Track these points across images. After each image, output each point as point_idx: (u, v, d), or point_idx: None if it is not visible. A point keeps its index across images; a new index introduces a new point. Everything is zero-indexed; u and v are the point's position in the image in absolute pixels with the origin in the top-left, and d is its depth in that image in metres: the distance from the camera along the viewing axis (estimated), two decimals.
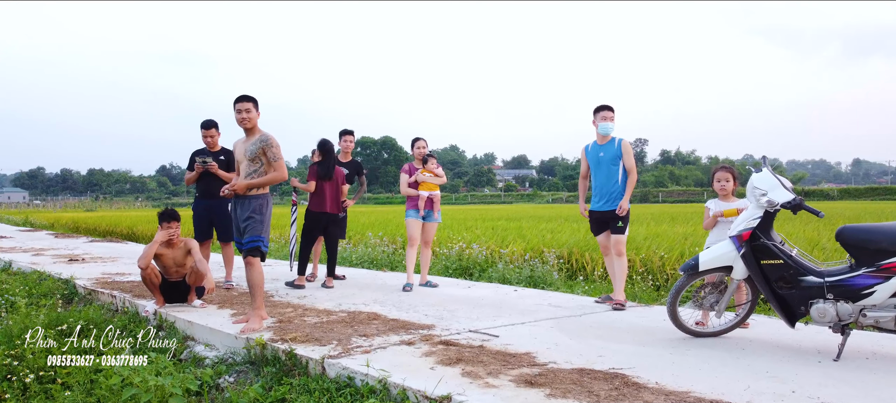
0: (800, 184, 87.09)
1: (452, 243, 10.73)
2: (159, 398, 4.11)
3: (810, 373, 3.86)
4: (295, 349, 4.47)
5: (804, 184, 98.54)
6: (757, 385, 3.60)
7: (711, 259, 4.67)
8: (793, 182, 59.88)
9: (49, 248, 14.50)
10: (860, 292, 4.14)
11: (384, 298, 6.73)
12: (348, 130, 8.38)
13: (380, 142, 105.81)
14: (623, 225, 6.24)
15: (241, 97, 5.52)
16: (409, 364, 4.08)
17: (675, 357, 4.25)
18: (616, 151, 6.32)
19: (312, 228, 7.58)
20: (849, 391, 3.52)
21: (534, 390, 3.53)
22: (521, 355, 4.30)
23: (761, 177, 4.50)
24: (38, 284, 8.78)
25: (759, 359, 4.20)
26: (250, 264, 5.44)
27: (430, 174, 7.60)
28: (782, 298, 4.43)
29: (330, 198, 7.50)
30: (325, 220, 7.54)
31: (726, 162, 74.31)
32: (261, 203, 5.49)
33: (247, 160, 5.49)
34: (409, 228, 7.57)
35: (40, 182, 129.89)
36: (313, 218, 7.54)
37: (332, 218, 7.57)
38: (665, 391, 3.50)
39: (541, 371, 3.88)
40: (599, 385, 3.59)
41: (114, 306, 7.16)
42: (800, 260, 4.40)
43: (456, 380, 3.70)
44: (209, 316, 5.88)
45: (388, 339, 4.77)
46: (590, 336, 4.93)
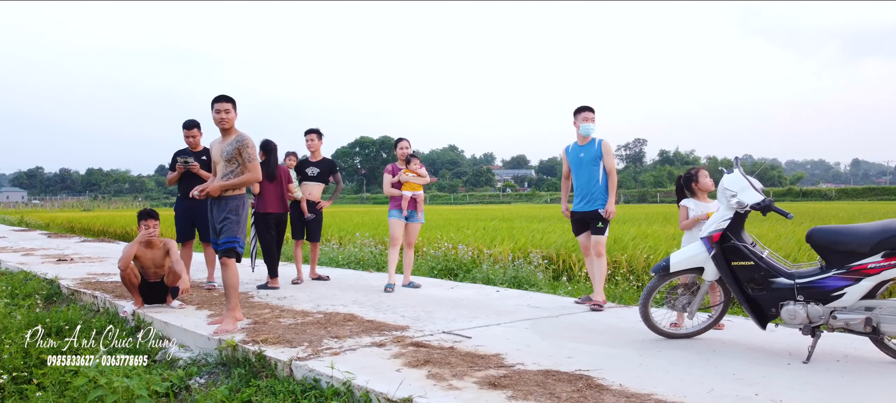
0: (798, 185, 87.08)
1: (439, 244, 10.69)
2: (126, 399, 4.10)
3: (778, 376, 3.84)
4: (264, 351, 4.45)
5: (803, 184, 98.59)
6: (721, 388, 3.58)
7: (682, 260, 4.65)
8: (791, 182, 59.60)
9: (40, 248, 14.49)
10: (830, 294, 4.12)
11: (364, 299, 6.71)
12: (312, 129, 8.14)
13: (379, 142, 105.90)
14: (603, 225, 6.23)
15: (220, 97, 5.50)
16: (377, 365, 4.06)
17: (645, 359, 4.23)
18: (596, 152, 6.31)
19: (263, 230, 7.67)
20: (815, 393, 3.50)
21: (496, 392, 3.51)
22: (490, 356, 4.28)
23: (732, 178, 4.48)
24: (24, 284, 8.75)
25: (729, 361, 4.18)
26: (226, 265, 5.42)
27: (413, 174, 7.59)
28: (753, 300, 4.41)
29: (274, 198, 7.60)
30: (271, 220, 7.65)
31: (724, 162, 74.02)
32: (237, 204, 5.47)
33: (223, 161, 5.47)
34: (392, 229, 7.55)
35: (39, 181, 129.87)
36: (260, 219, 7.64)
37: (279, 218, 7.71)
38: (628, 393, 3.48)
39: (507, 373, 3.86)
40: (562, 388, 3.57)
41: (95, 306, 7.14)
42: (770, 261, 4.38)
43: (420, 382, 3.68)
44: (186, 317, 5.87)
45: (360, 341, 4.75)
46: (563, 337, 4.91)
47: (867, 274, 4.01)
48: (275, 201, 7.60)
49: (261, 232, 7.68)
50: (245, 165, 5.41)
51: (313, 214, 7.99)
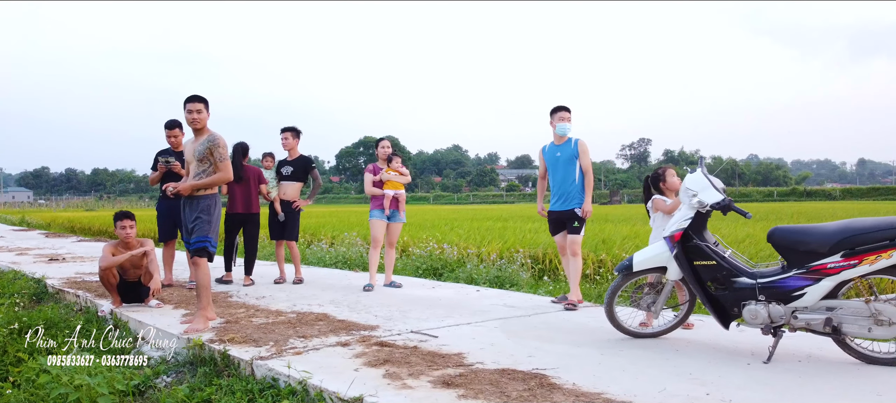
0: (804, 184, 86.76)
1: (425, 243, 10.71)
2: (89, 397, 4.12)
3: (735, 375, 3.84)
4: (228, 350, 4.48)
5: (808, 183, 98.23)
6: (674, 387, 3.58)
7: (645, 259, 4.65)
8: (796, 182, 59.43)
9: (35, 248, 14.55)
10: (791, 294, 4.11)
11: (342, 299, 6.72)
12: (287, 127, 8.06)
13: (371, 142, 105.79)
14: (579, 225, 6.23)
15: (192, 97, 5.52)
16: (336, 365, 4.07)
17: (605, 358, 4.23)
18: (572, 151, 6.31)
19: (228, 229, 7.98)
20: (767, 394, 3.50)
21: (448, 390, 3.52)
22: (451, 355, 4.29)
23: (693, 178, 4.48)
24: (11, 283, 8.80)
25: (689, 361, 4.17)
26: (197, 264, 5.45)
27: (394, 173, 7.60)
28: (715, 299, 4.40)
29: (240, 199, 7.80)
30: (238, 220, 7.91)
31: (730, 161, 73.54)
32: (209, 203, 5.49)
33: (195, 161, 5.50)
34: (373, 229, 7.56)
35: (45, 181, 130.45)
36: (228, 218, 7.88)
37: (246, 218, 7.91)
38: (578, 392, 3.48)
39: (463, 372, 3.87)
40: (515, 386, 3.58)
41: (77, 305, 7.17)
42: (733, 261, 4.38)
43: (375, 382, 3.69)
44: (162, 317, 5.89)
45: (326, 340, 4.76)
46: (530, 336, 4.91)
47: (827, 273, 4.00)
48: (241, 202, 7.82)
49: (227, 230, 7.95)
50: (216, 165, 5.43)
51: (283, 215, 7.99)
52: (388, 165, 7.62)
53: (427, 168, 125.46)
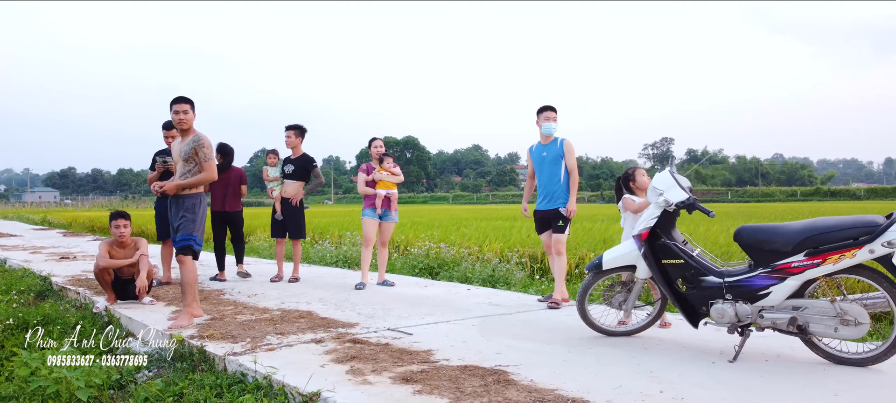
0: (829, 184, 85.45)
1: (423, 243, 10.78)
2: (67, 390, 4.24)
3: (695, 374, 3.85)
4: (205, 346, 4.58)
5: (834, 183, 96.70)
6: (630, 384, 3.60)
7: (615, 258, 4.67)
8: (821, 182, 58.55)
9: (50, 247, 14.87)
10: (757, 293, 4.11)
11: (332, 297, 6.81)
12: (290, 126, 8.13)
13: (403, 142, 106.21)
14: (563, 224, 6.26)
15: (179, 99, 5.64)
16: (304, 361, 4.15)
17: (572, 356, 4.26)
18: (558, 151, 6.35)
19: (214, 228, 8.52)
20: (722, 392, 3.51)
21: (405, 386, 3.58)
22: (420, 352, 4.35)
23: (660, 176, 4.50)
24: (20, 280, 9.02)
25: (655, 359, 4.19)
26: (182, 262, 5.56)
27: (387, 173, 7.67)
28: (684, 298, 4.41)
29: (220, 198, 8.35)
30: (219, 218, 8.45)
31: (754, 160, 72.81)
32: (194, 202, 5.60)
33: (181, 160, 5.61)
34: (366, 228, 7.63)
35: (71, 181, 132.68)
36: (212, 216, 8.36)
37: (224, 216, 8.45)
38: (533, 388, 3.52)
39: (426, 368, 3.93)
40: (472, 382, 3.63)
41: (78, 302, 7.34)
42: (700, 259, 4.39)
43: (337, 377, 3.76)
44: (152, 313, 6.03)
45: (302, 337, 4.85)
46: (504, 334, 4.96)
47: (791, 272, 3.99)
48: (220, 200, 8.30)
49: (213, 229, 8.45)
50: (201, 164, 5.54)
51: (280, 213, 8.10)
52: (380, 165, 7.69)
53: (447, 168, 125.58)
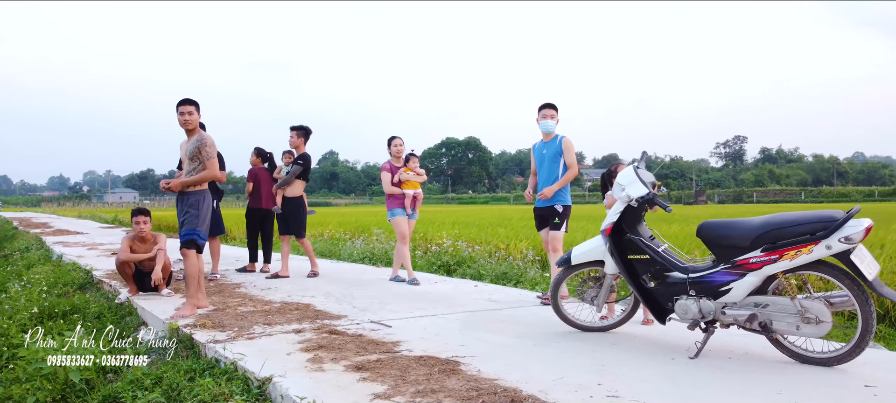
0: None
1: (442, 241, 10.92)
2: (62, 375, 4.57)
3: (648, 370, 3.85)
4: (193, 334, 4.85)
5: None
6: (571, 377, 3.65)
7: (583, 253, 4.70)
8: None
9: (108, 243, 15.70)
10: (718, 289, 4.08)
11: (338, 291, 7.02)
12: (294, 126, 8.39)
13: (464, 143, 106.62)
14: (559, 221, 6.29)
15: (184, 101, 5.96)
16: (275, 349, 4.36)
17: (535, 349, 4.32)
18: (556, 148, 6.38)
19: (250, 224, 9.11)
20: (662, 387, 3.51)
21: (354, 374, 3.73)
22: (388, 343, 4.49)
23: (624, 172, 4.51)
24: (68, 274, 9.63)
25: (616, 354, 4.20)
26: (186, 256, 5.86)
27: (412, 173, 7.79)
28: (650, 294, 4.40)
29: (260, 197, 8.88)
30: (256, 214, 9.00)
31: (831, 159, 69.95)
32: (197, 199, 5.90)
33: (187, 159, 5.92)
34: (399, 226, 7.76)
35: (150, 183, 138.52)
36: (249, 213, 9.00)
37: (262, 212, 8.93)
38: (473, 378, 3.61)
39: (383, 358, 4.07)
40: (418, 371, 3.75)
41: (109, 294, 7.80)
42: (666, 255, 4.37)
43: (296, 364, 3.95)
44: (165, 304, 6.36)
45: (286, 328, 5.06)
46: (482, 328, 5.04)
47: (750, 268, 3.95)
48: (262, 198, 8.76)
49: (248, 225, 8.95)
50: (204, 163, 5.83)
51: (279, 208, 8.45)
52: (405, 165, 7.82)
53: (509, 168, 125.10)
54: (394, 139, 8.01)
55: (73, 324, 6.12)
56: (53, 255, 12.80)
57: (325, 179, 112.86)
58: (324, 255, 11.95)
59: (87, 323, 6.20)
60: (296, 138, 8.31)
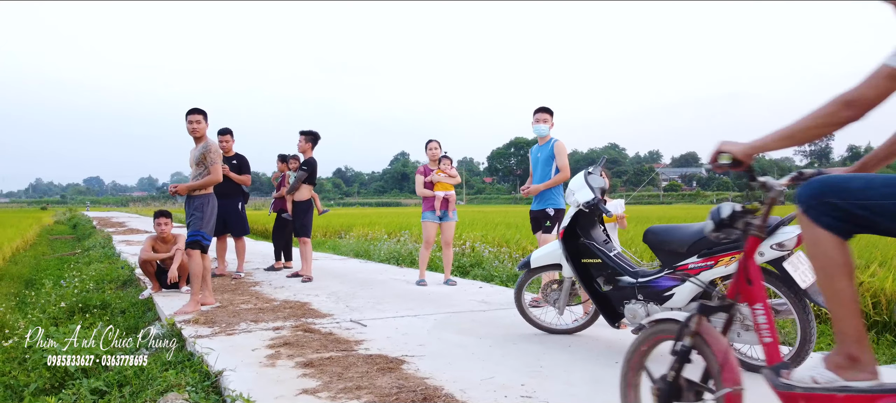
0: None
1: (462, 243, 11.08)
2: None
3: (581, 373, 3.91)
4: (182, 329, 5.21)
5: None
6: (501, 377, 3.77)
7: (541, 256, 4.79)
8: None
9: None
10: (663, 294, 4.10)
11: (342, 290, 7.30)
12: (302, 131, 8.56)
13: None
14: (551, 225, 6.35)
15: (193, 110, 6.36)
16: (244, 345, 4.65)
17: (485, 351, 4.44)
18: (549, 152, 6.46)
19: (277, 227, 9.87)
20: (581, 390, 3.59)
21: (300, 369, 3.97)
22: (350, 341, 4.72)
23: (575, 178, 4.58)
24: (116, 271, 10.33)
25: (560, 357, 4.29)
26: (191, 255, 6.26)
27: (444, 174, 7.95)
28: (603, 297, 4.45)
29: (284, 201, 9.42)
30: (284, 220, 9.56)
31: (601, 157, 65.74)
32: (202, 202, 6.29)
33: (194, 164, 6.32)
34: (427, 230, 7.94)
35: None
36: (279, 218, 9.65)
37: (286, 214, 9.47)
38: (406, 376, 3.78)
39: (336, 356, 4.29)
40: (359, 370, 3.95)
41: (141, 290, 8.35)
42: (618, 259, 4.41)
43: (252, 360, 4.23)
44: (180, 301, 6.79)
45: (268, 325, 5.36)
46: (451, 329, 5.18)
47: (689, 274, 3.95)
48: (282, 202, 9.35)
49: (275, 228, 9.73)
50: (209, 168, 6.21)
51: (289, 213, 8.93)
52: (438, 167, 8.00)
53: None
54: (430, 142, 8.08)
55: (97, 320, 6.64)
56: (114, 253, 13.63)
57: (397, 180, 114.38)
58: (358, 255, 12.31)
59: (116, 318, 6.69)
60: (304, 143, 8.57)
